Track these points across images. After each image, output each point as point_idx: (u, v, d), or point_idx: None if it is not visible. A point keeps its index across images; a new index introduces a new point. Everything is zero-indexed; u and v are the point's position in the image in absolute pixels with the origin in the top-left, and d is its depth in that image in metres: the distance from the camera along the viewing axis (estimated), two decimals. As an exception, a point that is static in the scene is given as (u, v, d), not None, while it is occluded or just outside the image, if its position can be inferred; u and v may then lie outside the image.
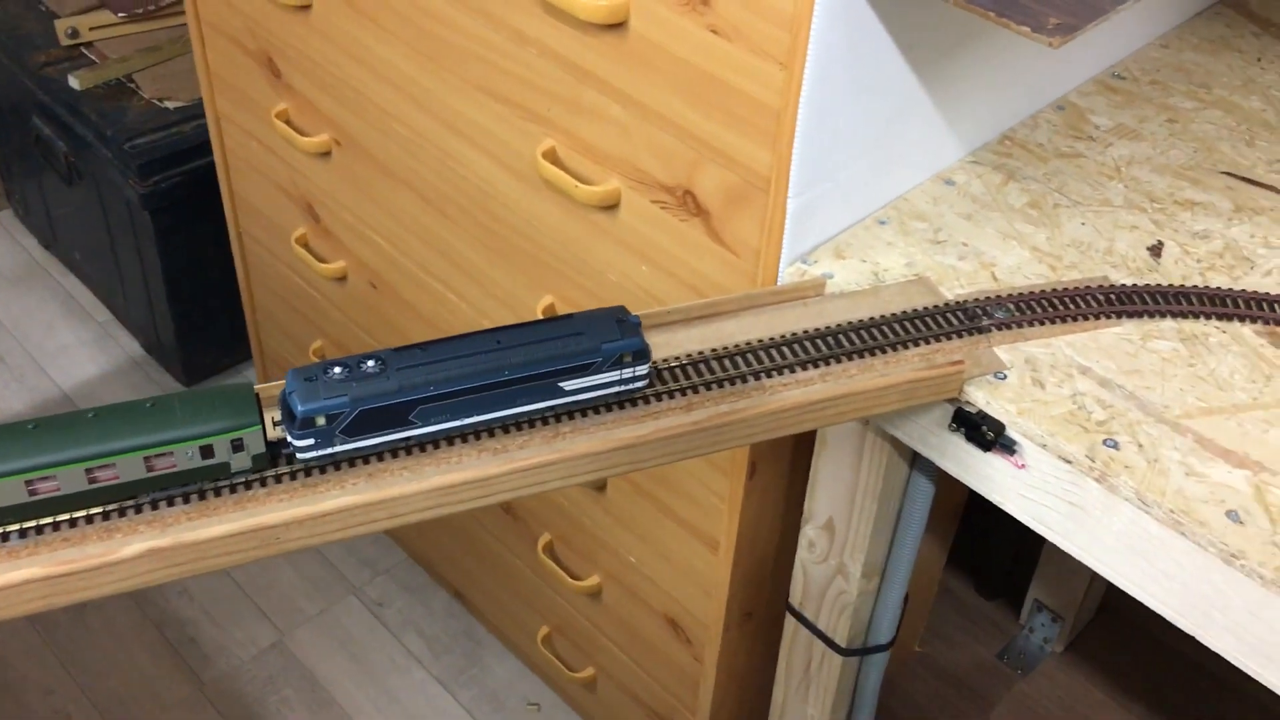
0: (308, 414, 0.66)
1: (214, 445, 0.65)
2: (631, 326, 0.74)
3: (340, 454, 0.69)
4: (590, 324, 0.73)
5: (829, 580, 1.05)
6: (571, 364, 0.72)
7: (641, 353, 0.74)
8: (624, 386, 0.74)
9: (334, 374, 0.68)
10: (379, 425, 0.69)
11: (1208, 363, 0.82)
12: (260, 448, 0.67)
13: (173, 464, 0.65)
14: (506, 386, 0.71)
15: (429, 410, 0.69)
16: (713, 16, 0.83)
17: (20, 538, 0.64)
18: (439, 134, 1.14)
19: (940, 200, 0.95)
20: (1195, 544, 0.72)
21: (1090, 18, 0.69)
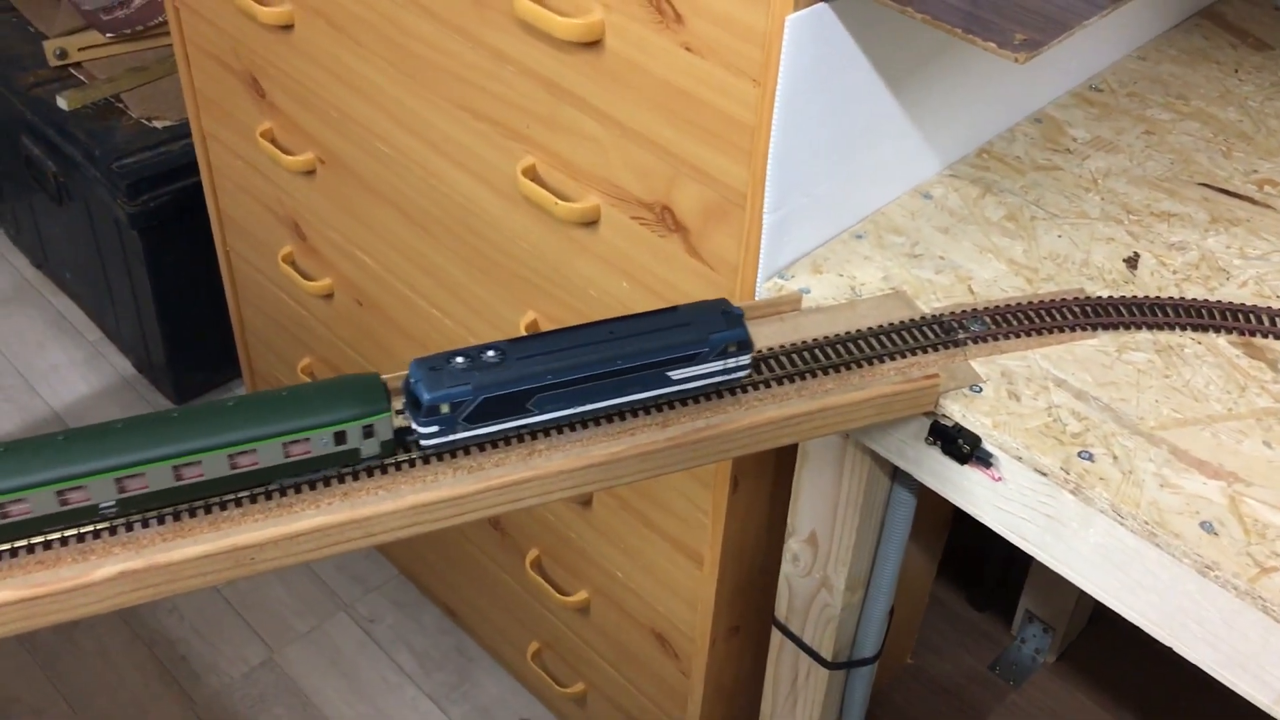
0: (433, 402, 0.69)
1: (347, 432, 0.67)
2: (735, 318, 0.76)
3: (462, 440, 0.71)
4: (696, 315, 0.75)
5: (813, 594, 1.05)
6: (680, 354, 0.74)
7: (745, 343, 0.76)
8: (726, 376, 0.76)
9: (457, 363, 0.70)
10: (499, 413, 0.71)
11: (1183, 374, 0.82)
12: (389, 434, 0.69)
13: (308, 450, 0.67)
14: (618, 375, 0.73)
15: (546, 398, 0.72)
16: (686, 34, 0.84)
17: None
18: (421, 152, 1.14)
19: (917, 214, 0.95)
20: (1170, 555, 0.72)
21: (1056, 33, 0.69)
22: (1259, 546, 0.71)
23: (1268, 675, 0.71)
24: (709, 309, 0.76)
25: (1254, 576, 0.69)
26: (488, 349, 0.71)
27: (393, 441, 0.70)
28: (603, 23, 0.89)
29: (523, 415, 0.72)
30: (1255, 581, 0.69)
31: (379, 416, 0.68)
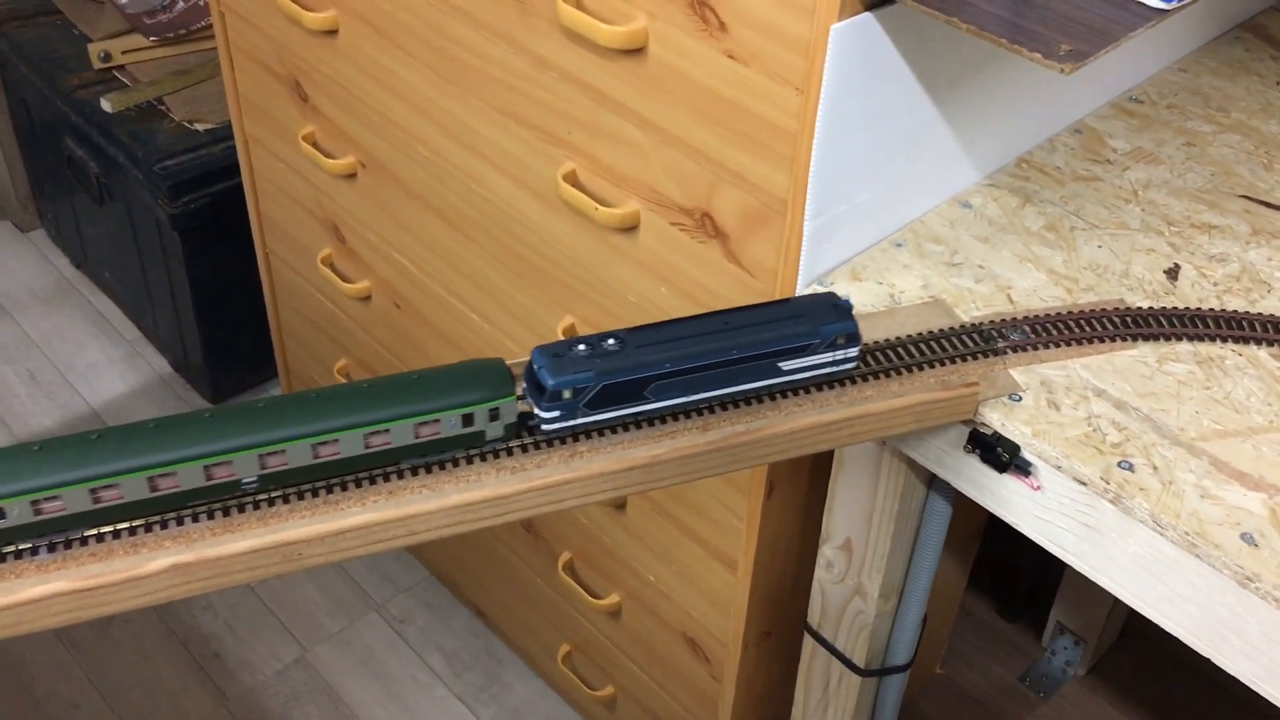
0: (557, 387, 0.71)
1: (474, 414, 0.70)
2: (845, 310, 0.77)
3: (582, 425, 0.73)
4: (807, 308, 0.77)
5: (847, 600, 1.06)
6: (792, 345, 0.76)
7: (854, 336, 0.77)
8: (835, 368, 0.78)
9: (579, 351, 0.72)
10: (618, 399, 0.73)
11: (1224, 385, 0.82)
12: (513, 418, 0.71)
13: (437, 431, 0.69)
14: (732, 365, 0.75)
15: (663, 386, 0.74)
16: (730, 42, 0.84)
17: (49, 551, 0.66)
18: (462, 156, 1.15)
19: (957, 223, 0.96)
20: (1210, 566, 0.72)
21: (1102, 44, 0.69)
22: (1300, 559, 0.71)
23: (1308, 688, 0.71)
24: (819, 302, 0.78)
25: (1295, 589, 0.69)
26: (608, 337, 0.73)
27: (515, 425, 0.72)
28: (646, 30, 0.90)
29: (640, 402, 0.74)
30: (1297, 594, 0.69)
31: (505, 400, 0.70)
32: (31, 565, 0.65)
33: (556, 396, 0.71)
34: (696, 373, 0.74)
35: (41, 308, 2.06)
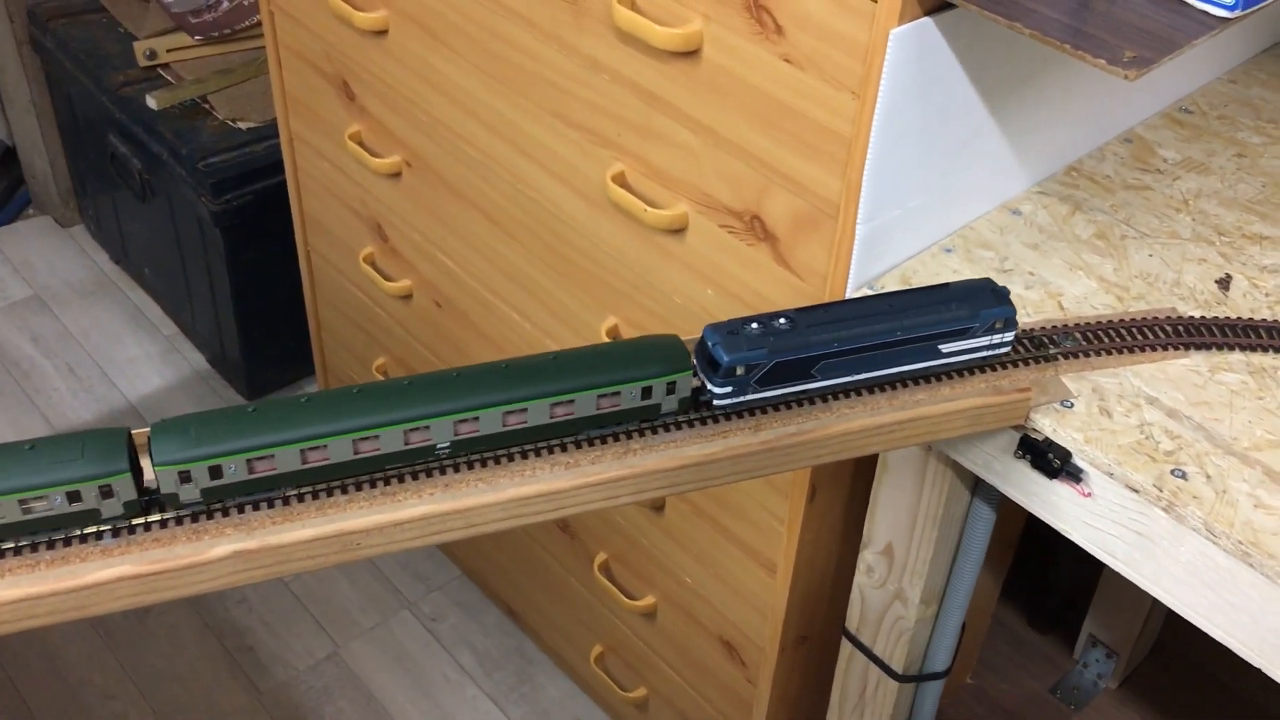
0: (731, 364, 0.73)
1: (653, 388, 0.72)
2: (1003, 295, 0.79)
3: (752, 401, 0.75)
4: (966, 292, 0.79)
5: (887, 605, 1.06)
6: (953, 328, 0.78)
7: (1011, 320, 0.79)
8: (991, 351, 0.80)
9: (752, 329, 0.74)
10: (786, 377, 0.75)
11: (1277, 396, 0.82)
12: (688, 392, 0.74)
13: (616, 404, 0.72)
14: (896, 346, 0.77)
15: (830, 365, 0.76)
16: (786, 46, 0.85)
17: (114, 536, 0.67)
18: (509, 157, 1.16)
19: (1007, 230, 0.96)
20: (1264, 576, 0.72)
21: (1166, 51, 0.70)
22: (1356, 570, 0.71)
23: (1363, 700, 0.70)
24: (978, 286, 0.79)
25: (1351, 600, 0.69)
26: (779, 316, 0.75)
27: (690, 400, 0.74)
28: (701, 33, 0.90)
29: (807, 380, 0.76)
30: (1353, 605, 0.69)
31: (682, 375, 0.73)
32: (96, 550, 0.66)
33: (730, 373, 0.73)
34: (862, 353, 0.76)
35: (81, 302, 2.09)
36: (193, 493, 0.66)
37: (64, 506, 0.64)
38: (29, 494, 0.63)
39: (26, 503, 0.63)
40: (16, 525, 0.64)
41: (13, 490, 0.63)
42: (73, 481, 0.63)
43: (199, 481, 0.66)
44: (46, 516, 0.64)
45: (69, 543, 0.66)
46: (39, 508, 0.64)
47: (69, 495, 0.64)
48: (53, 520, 0.64)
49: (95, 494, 0.64)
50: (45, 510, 0.64)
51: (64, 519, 0.65)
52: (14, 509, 0.63)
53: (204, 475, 0.66)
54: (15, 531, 0.64)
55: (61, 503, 0.64)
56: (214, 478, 0.66)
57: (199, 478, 0.66)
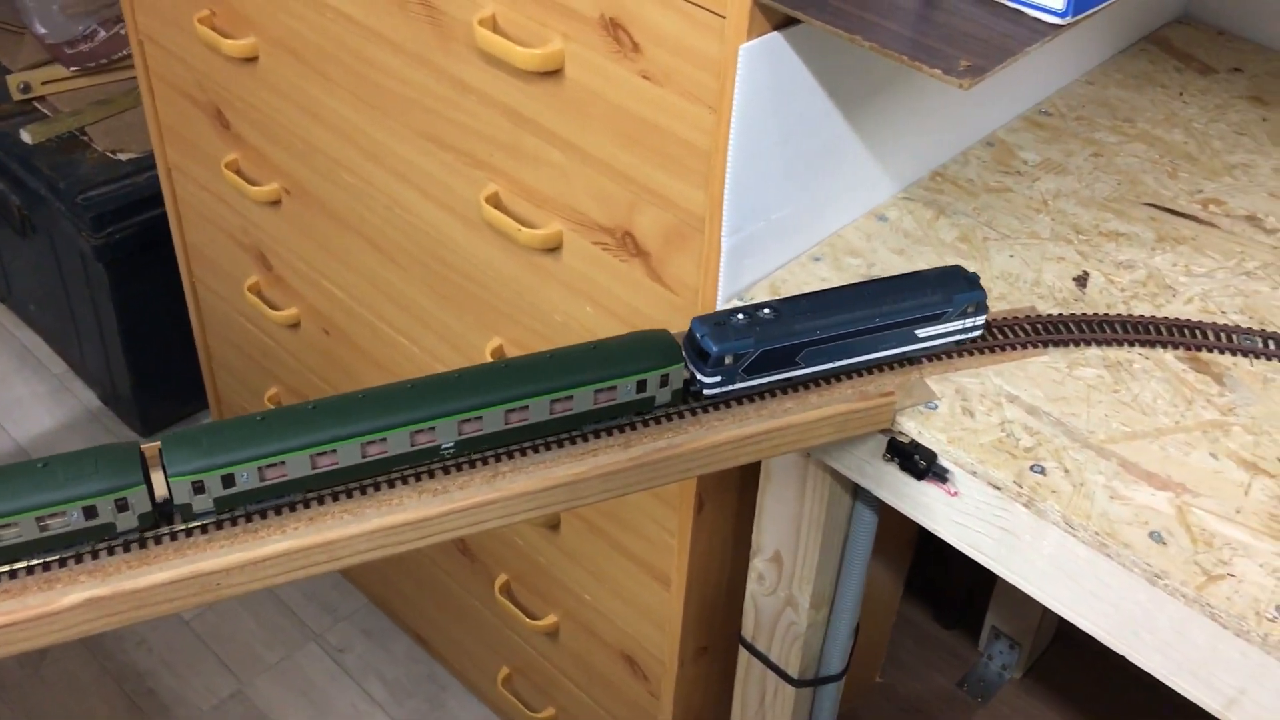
0: (720, 353, 0.76)
1: (647, 381, 0.75)
2: (974, 280, 0.83)
3: (740, 390, 0.79)
4: (938, 278, 0.83)
5: (779, 612, 1.07)
6: (928, 313, 0.81)
7: (982, 305, 0.83)
8: (963, 335, 0.84)
9: (737, 320, 0.78)
10: (772, 365, 0.79)
11: (1131, 389, 0.84)
12: (679, 384, 0.77)
13: (614, 397, 0.74)
14: (875, 332, 0.81)
15: (813, 353, 0.79)
16: (644, 63, 0.86)
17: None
18: (386, 181, 1.15)
19: (873, 236, 0.97)
20: (1120, 565, 0.74)
21: (1000, 59, 0.71)
22: (1206, 555, 0.73)
23: (1217, 681, 0.72)
24: (950, 273, 0.83)
25: (1201, 584, 0.71)
26: (764, 307, 0.79)
27: (680, 392, 0.77)
28: (562, 52, 0.91)
29: (792, 368, 0.80)
30: (1202, 589, 0.71)
31: (675, 367, 0.76)
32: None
33: (719, 362, 0.76)
34: (843, 339, 0.80)
35: (-35, 343, 2.02)
36: (206, 503, 0.68)
37: (80, 522, 0.65)
38: (47, 511, 0.64)
39: (44, 520, 0.64)
40: (33, 544, 0.65)
41: (31, 508, 0.63)
42: (89, 496, 0.64)
43: (212, 491, 0.67)
44: (63, 533, 0.65)
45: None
46: (55, 524, 0.64)
47: (85, 510, 0.64)
48: (68, 537, 0.65)
49: (111, 508, 0.65)
50: (62, 527, 0.64)
51: (80, 535, 0.65)
52: (32, 527, 0.64)
53: (217, 485, 0.67)
54: (31, 550, 0.65)
55: (78, 518, 0.65)
56: (226, 486, 0.67)
57: (212, 487, 0.67)
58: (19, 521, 0.63)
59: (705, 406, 0.80)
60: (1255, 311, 0.91)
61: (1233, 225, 0.99)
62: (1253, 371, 0.85)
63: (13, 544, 0.64)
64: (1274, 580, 0.72)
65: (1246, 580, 0.72)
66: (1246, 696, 0.72)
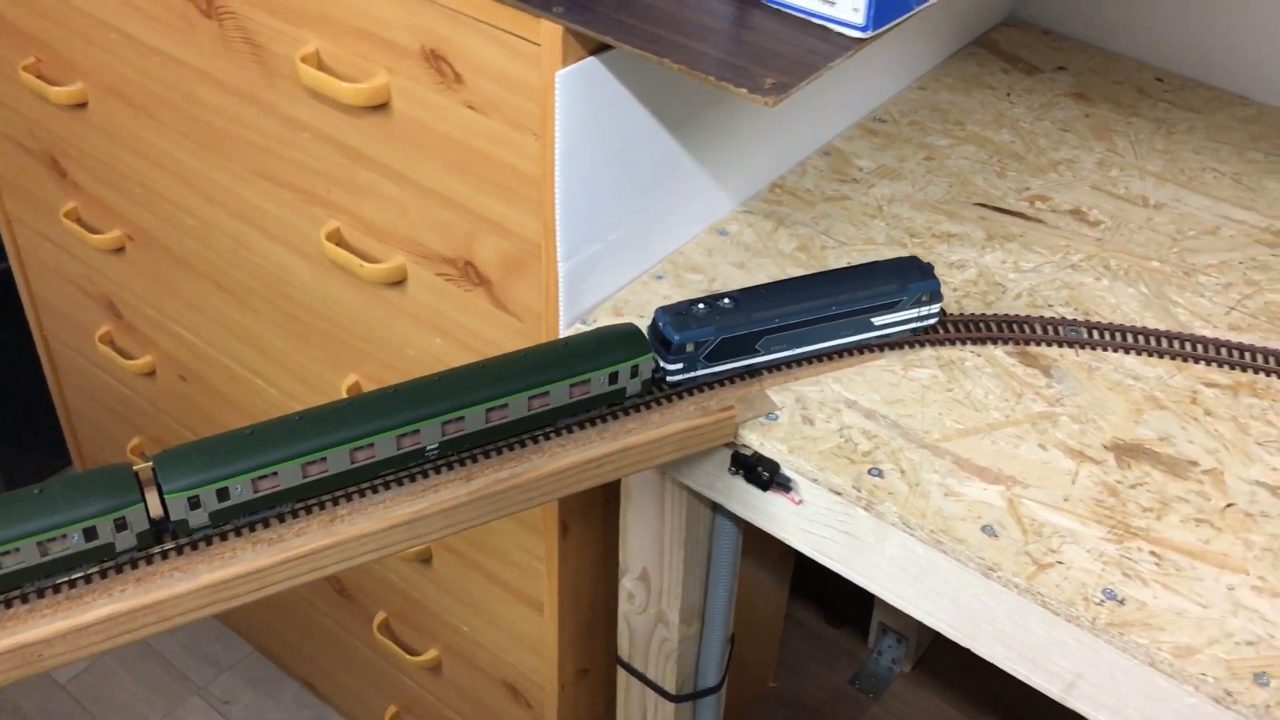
0: (681, 341, 0.80)
1: (619, 372, 0.79)
2: (928, 270, 0.87)
3: (702, 376, 0.83)
4: (893, 268, 0.86)
5: (651, 629, 1.07)
6: (883, 301, 0.85)
7: (936, 293, 0.86)
8: (920, 323, 0.88)
9: (699, 309, 0.82)
10: (732, 352, 0.83)
11: (964, 386, 0.86)
12: (649, 374, 0.81)
13: (588, 390, 0.78)
14: (832, 320, 0.85)
15: (772, 340, 0.84)
16: (468, 93, 0.85)
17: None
18: (228, 223, 1.13)
19: (714, 251, 0.98)
20: (956, 560, 0.76)
21: (804, 75, 0.73)
22: (1036, 544, 0.75)
23: (1054, 666, 0.75)
24: (905, 264, 0.87)
25: (1032, 574, 0.73)
26: (724, 297, 0.83)
27: (650, 380, 0.81)
28: (388, 86, 0.90)
29: (751, 355, 0.84)
30: (1033, 579, 0.73)
31: (644, 358, 0.80)
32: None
33: (680, 350, 0.81)
34: (801, 327, 0.84)
35: None
36: (201, 517, 0.69)
37: (80, 544, 0.66)
38: (48, 535, 0.65)
39: (45, 544, 0.65)
40: (34, 569, 0.65)
41: (33, 533, 0.65)
42: (90, 517, 0.66)
43: (207, 505, 0.69)
44: (63, 556, 0.66)
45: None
46: (56, 549, 0.65)
47: (85, 532, 0.66)
48: (68, 560, 0.66)
49: (110, 528, 0.66)
50: (62, 550, 0.66)
51: (80, 557, 0.66)
52: (33, 552, 0.65)
53: (212, 499, 0.69)
54: (32, 575, 0.66)
55: (79, 540, 0.66)
56: (221, 500, 0.69)
57: (207, 501, 0.69)
58: (21, 547, 0.64)
59: (549, 433, 0.80)
60: (1080, 303, 0.94)
61: (1058, 220, 1.02)
62: (1078, 361, 0.88)
63: (14, 570, 0.65)
64: (1100, 565, 0.74)
65: (1075, 567, 0.74)
66: (1083, 680, 0.74)
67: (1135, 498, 0.78)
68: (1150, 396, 0.86)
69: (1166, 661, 0.69)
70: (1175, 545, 0.75)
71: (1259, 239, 1.01)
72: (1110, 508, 0.77)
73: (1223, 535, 0.76)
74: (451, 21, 0.83)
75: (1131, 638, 0.70)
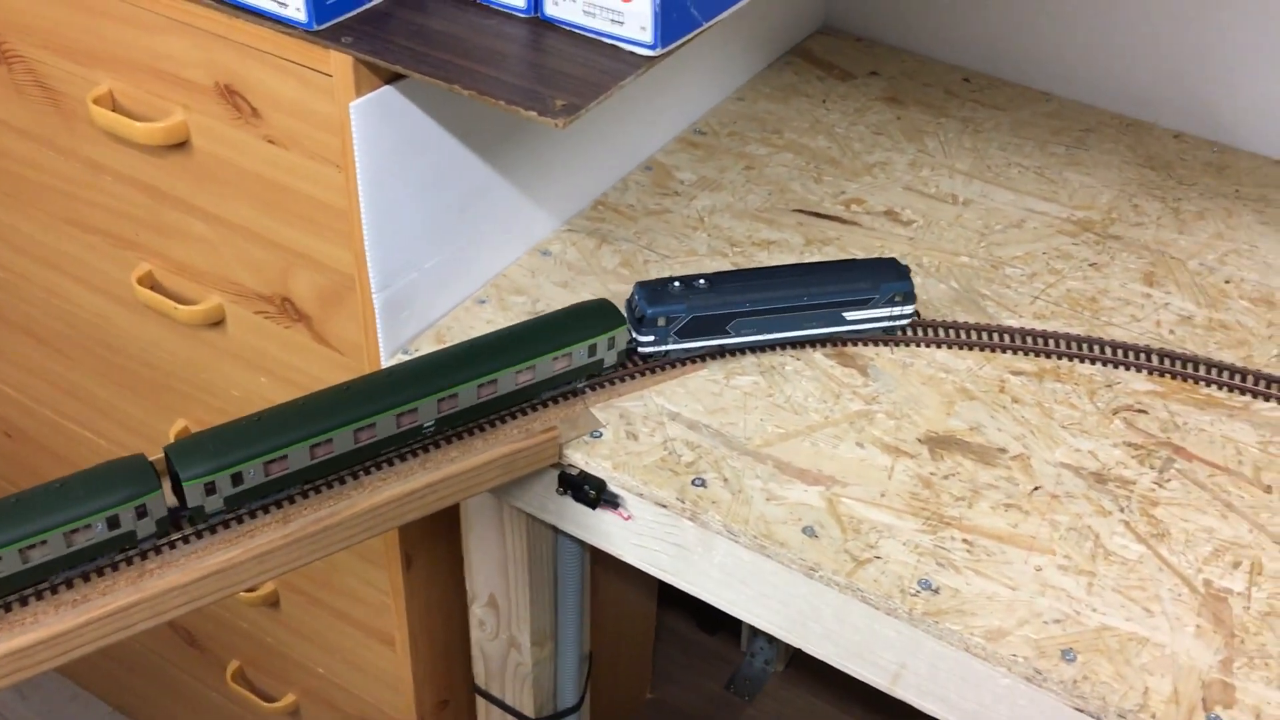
0: (653, 315, 0.85)
1: (598, 344, 0.84)
2: (904, 271, 0.90)
3: (674, 352, 0.87)
4: (870, 267, 0.90)
5: (504, 655, 1.06)
6: (855, 297, 0.88)
7: (909, 294, 0.89)
8: (891, 323, 0.90)
9: (674, 287, 0.86)
10: (704, 331, 0.87)
11: (785, 390, 0.88)
12: (623, 346, 0.86)
13: (570, 363, 0.83)
14: (803, 310, 0.88)
15: (743, 323, 0.87)
16: (266, 128, 0.84)
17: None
18: (39, 272, 1.09)
19: (538, 272, 0.98)
20: (780, 564, 0.77)
21: (594, 95, 0.73)
22: (854, 541, 0.77)
23: (880, 659, 0.76)
24: (883, 264, 0.90)
25: (851, 571, 0.75)
26: (700, 278, 0.87)
27: (625, 352, 0.86)
28: (185, 124, 0.88)
29: (722, 336, 0.87)
30: (853, 575, 0.75)
31: (619, 329, 0.85)
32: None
33: (653, 323, 0.85)
34: (772, 313, 0.87)
35: None
36: (217, 502, 0.72)
37: (104, 533, 0.69)
38: (73, 526, 0.68)
39: (70, 535, 0.68)
40: (59, 560, 0.68)
41: (60, 524, 0.67)
42: (113, 506, 0.68)
43: (222, 491, 0.72)
44: (87, 546, 0.69)
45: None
46: (80, 539, 0.68)
47: (109, 521, 0.68)
48: (92, 550, 0.69)
49: (132, 516, 0.69)
50: (87, 540, 0.68)
51: (103, 546, 0.69)
52: (60, 543, 0.68)
53: (227, 484, 0.72)
54: (57, 567, 0.68)
55: (102, 530, 0.69)
56: (235, 485, 0.72)
57: (222, 487, 0.72)
58: (49, 539, 0.67)
59: (369, 467, 0.78)
60: (894, 301, 0.96)
61: (873, 221, 1.05)
62: (893, 359, 0.91)
63: (41, 562, 0.67)
64: (915, 556, 0.76)
65: (892, 560, 0.76)
66: (907, 670, 0.76)
67: (948, 488, 0.81)
68: (961, 388, 0.88)
69: (980, 645, 0.71)
70: (986, 531, 0.78)
71: (1061, 229, 1.05)
72: (924, 499, 0.80)
73: (1030, 518, 0.79)
74: (242, 56, 0.81)
75: (946, 625, 0.72)
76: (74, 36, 0.90)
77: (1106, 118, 1.19)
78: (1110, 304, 0.97)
